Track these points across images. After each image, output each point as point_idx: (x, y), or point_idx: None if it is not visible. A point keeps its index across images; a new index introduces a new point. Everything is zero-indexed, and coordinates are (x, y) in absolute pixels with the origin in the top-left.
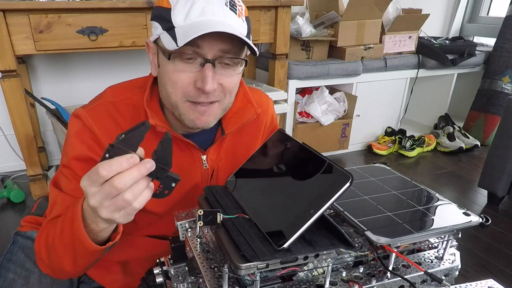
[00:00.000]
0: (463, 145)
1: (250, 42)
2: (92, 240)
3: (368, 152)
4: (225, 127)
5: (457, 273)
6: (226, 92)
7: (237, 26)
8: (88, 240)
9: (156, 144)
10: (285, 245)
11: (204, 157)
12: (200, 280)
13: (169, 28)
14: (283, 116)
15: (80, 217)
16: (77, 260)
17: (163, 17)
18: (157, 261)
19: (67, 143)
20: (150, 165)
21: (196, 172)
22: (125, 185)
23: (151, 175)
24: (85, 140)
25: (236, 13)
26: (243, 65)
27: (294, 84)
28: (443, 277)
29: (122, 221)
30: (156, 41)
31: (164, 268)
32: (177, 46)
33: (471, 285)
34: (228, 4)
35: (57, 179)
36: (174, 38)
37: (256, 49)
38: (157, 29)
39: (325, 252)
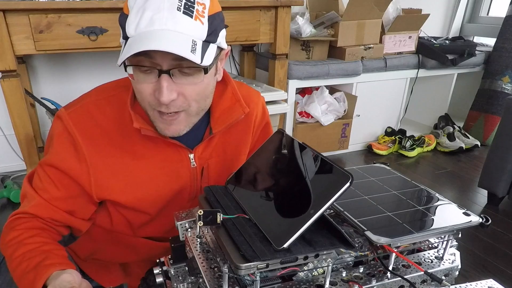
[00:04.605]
0: (463, 145)
1: (189, 55)
2: None
3: (368, 152)
4: (213, 126)
5: (457, 273)
6: (190, 101)
7: (191, 31)
8: None
9: (146, 147)
10: (285, 245)
11: (191, 156)
12: (200, 280)
13: (125, 37)
14: (283, 116)
15: None
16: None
17: (122, 25)
18: (157, 261)
19: (49, 144)
20: None
21: (184, 171)
22: None
23: None
24: (65, 147)
25: (192, 16)
26: (205, 72)
27: (294, 84)
28: (443, 277)
29: None
30: None
31: (164, 268)
32: (117, 64)
33: (471, 285)
34: (182, 7)
35: (31, 174)
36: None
37: (203, 58)
38: (121, 37)
39: (325, 252)
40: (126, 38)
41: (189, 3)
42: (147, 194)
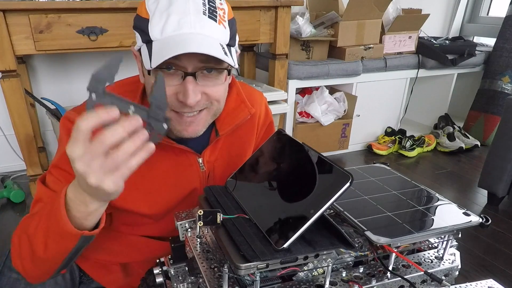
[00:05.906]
0: (463, 145)
1: (224, 57)
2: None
3: (368, 152)
4: (219, 128)
5: (457, 273)
6: (213, 100)
7: (217, 35)
8: (65, 218)
9: (155, 153)
10: (285, 245)
11: (200, 160)
12: (200, 280)
13: (148, 41)
14: (283, 116)
15: (63, 200)
16: (48, 243)
17: (142, 28)
18: (157, 261)
19: (59, 144)
20: (135, 121)
21: (194, 176)
22: (110, 139)
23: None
24: None
25: (216, 21)
26: (228, 74)
27: (294, 84)
28: (443, 277)
29: (112, 188)
30: (140, 51)
31: (164, 268)
32: (151, 67)
33: (471, 285)
34: (207, 12)
35: (45, 176)
36: (150, 55)
37: (234, 61)
38: (138, 40)
39: (325, 252)
40: (148, 41)
41: (212, 8)
42: (156, 201)
